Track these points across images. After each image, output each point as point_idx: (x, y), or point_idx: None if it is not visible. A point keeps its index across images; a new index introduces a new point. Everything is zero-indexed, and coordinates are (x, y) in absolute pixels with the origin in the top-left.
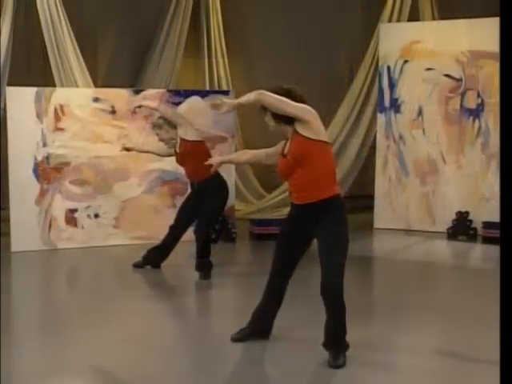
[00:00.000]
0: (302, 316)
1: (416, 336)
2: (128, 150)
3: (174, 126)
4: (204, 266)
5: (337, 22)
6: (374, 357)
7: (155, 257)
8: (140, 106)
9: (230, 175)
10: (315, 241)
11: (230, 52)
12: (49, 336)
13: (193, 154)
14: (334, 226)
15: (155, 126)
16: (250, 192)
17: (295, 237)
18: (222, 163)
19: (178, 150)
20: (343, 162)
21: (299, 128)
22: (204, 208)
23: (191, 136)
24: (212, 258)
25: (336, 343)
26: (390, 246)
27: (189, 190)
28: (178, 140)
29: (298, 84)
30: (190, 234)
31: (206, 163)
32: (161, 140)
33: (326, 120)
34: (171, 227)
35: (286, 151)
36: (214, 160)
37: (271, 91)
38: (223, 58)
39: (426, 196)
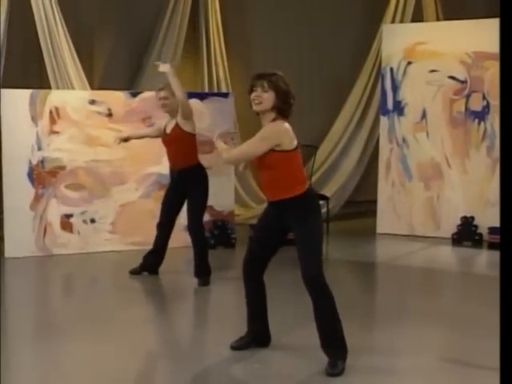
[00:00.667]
0: (302, 321)
1: (418, 343)
2: (125, 140)
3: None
4: (203, 271)
5: (339, 23)
6: (374, 364)
7: (151, 262)
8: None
9: (229, 179)
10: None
11: (230, 53)
12: (42, 345)
13: (182, 142)
14: (304, 222)
15: (162, 98)
16: (249, 196)
17: (268, 230)
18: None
19: (167, 131)
20: (345, 166)
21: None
22: (190, 202)
23: (188, 128)
24: (211, 264)
25: (331, 340)
26: (393, 252)
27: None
28: (173, 123)
29: (299, 85)
30: (187, 239)
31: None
32: (167, 112)
33: (328, 123)
34: (158, 225)
35: None
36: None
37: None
38: (222, 59)
39: (430, 201)
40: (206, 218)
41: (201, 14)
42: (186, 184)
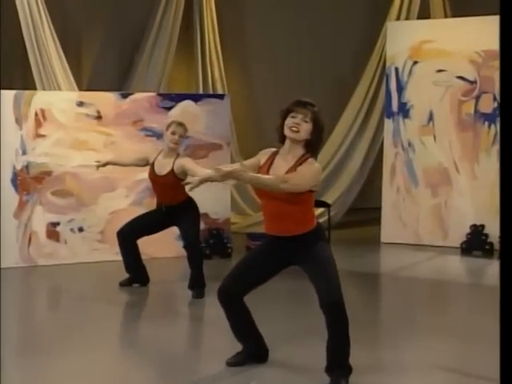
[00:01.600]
0: (300, 335)
1: (426, 360)
2: (104, 165)
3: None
4: (197, 283)
5: (340, 21)
6: (379, 382)
7: (136, 273)
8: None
9: (225, 185)
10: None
11: (226, 52)
12: (26, 361)
13: (174, 185)
14: (317, 253)
15: (179, 135)
16: (246, 203)
17: (266, 262)
18: (201, 183)
19: (159, 172)
20: (348, 172)
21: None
22: (184, 228)
23: (182, 176)
24: (206, 275)
25: (339, 364)
26: (398, 262)
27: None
28: (167, 166)
29: (299, 86)
30: (179, 249)
31: (184, 182)
32: (172, 149)
33: (330, 126)
34: (119, 235)
35: (272, 173)
36: (193, 179)
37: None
38: (218, 59)
39: (438, 208)
40: (201, 226)
41: (195, 11)
42: (175, 218)
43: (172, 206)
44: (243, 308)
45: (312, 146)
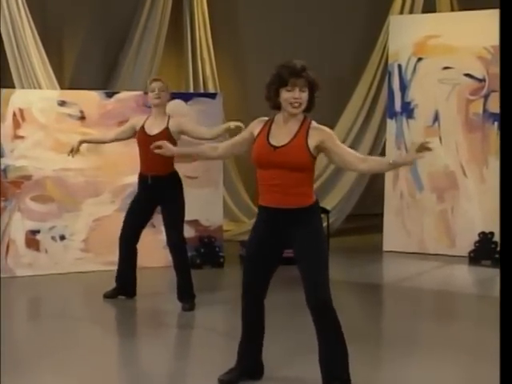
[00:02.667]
0: (297, 350)
1: (432, 376)
2: (78, 148)
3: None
4: (187, 294)
5: (339, 14)
6: None
7: (126, 284)
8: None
9: (217, 190)
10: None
11: (218, 48)
12: (2, 379)
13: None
14: (314, 236)
15: (158, 90)
16: (240, 210)
17: (264, 247)
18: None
19: (150, 132)
20: (348, 176)
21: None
22: (168, 215)
23: (176, 137)
24: (198, 285)
25: (335, 377)
26: (401, 272)
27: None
28: (160, 125)
29: None
30: (168, 258)
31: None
32: (157, 105)
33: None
34: (124, 240)
35: (274, 141)
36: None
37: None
38: (209, 55)
39: (444, 214)
40: (191, 233)
41: (185, 4)
42: (161, 193)
43: (158, 177)
44: (262, 313)
45: (309, 107)
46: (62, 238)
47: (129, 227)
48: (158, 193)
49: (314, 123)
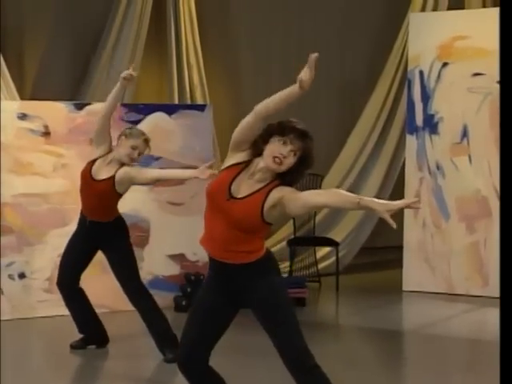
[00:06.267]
0: None
1: None
2: None
3: None
4: (168, 340)
5: (351, 13)
6: None
7: (91, 332)
8: None
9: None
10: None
11: (207, 54)
12: None
13: (109, 197)
14: (273, 290)
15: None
16: None
17: (214, 311)
18: None
19: (96, 176)
20: None
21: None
22: (114, 268)
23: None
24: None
25: None
26: (425, 317)
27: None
28: (109, 171)
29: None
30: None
31: None
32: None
33: (337, 144)
34: (60, 285)
35: (234, 188)
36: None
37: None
38: (197, 61)
39: (476, 247)
40: (176, 270)
41: (169, 2)
42: (100, 240)
43: (98, 223)
44: (214, 374)
45: (286, 181)
46: (22, 276)
47: (67, 271)
48: (96, 238)
49: (281, 188)
